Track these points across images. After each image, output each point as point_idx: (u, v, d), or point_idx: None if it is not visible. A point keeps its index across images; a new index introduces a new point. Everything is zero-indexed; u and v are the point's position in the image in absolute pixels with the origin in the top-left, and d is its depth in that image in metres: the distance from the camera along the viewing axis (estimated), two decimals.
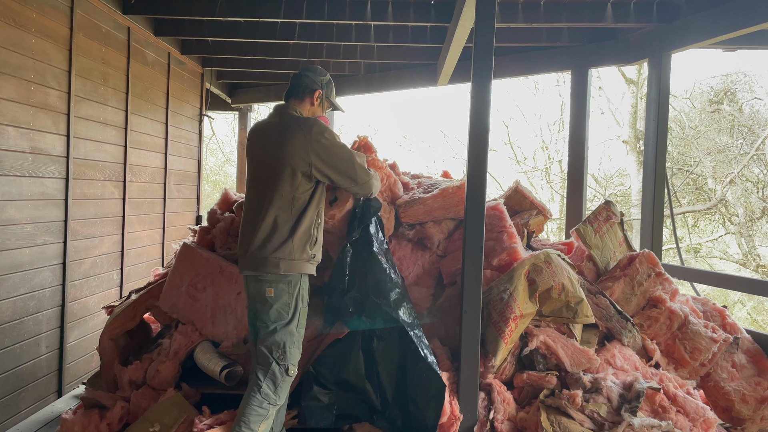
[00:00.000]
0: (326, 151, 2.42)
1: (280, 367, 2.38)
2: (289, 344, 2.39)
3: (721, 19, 3.77)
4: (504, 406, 2.69)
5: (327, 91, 2.66)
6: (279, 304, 2.39)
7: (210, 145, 15.80)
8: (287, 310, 2.40)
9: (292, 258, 2.39)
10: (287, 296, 2.40)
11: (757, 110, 11.66)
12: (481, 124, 2.69)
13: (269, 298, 2.39)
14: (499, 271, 3.11)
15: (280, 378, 2.39)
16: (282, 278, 2.39)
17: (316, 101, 2.62)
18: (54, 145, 3.67)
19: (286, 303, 2.40)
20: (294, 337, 2.42)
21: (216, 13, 4.42)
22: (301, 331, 2.46)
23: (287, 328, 2.40)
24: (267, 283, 2.40)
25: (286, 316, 2.40)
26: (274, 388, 2.38)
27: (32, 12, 3.41)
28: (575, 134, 4.97)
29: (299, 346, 2.46)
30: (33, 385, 3.59)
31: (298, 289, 2.42)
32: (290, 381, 2.44)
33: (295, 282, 2.42)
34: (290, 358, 2.40)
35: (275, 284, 2.39)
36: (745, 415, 3.06)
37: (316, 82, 2.61)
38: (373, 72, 6.20)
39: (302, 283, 2.44)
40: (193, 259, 3.28)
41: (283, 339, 2.39)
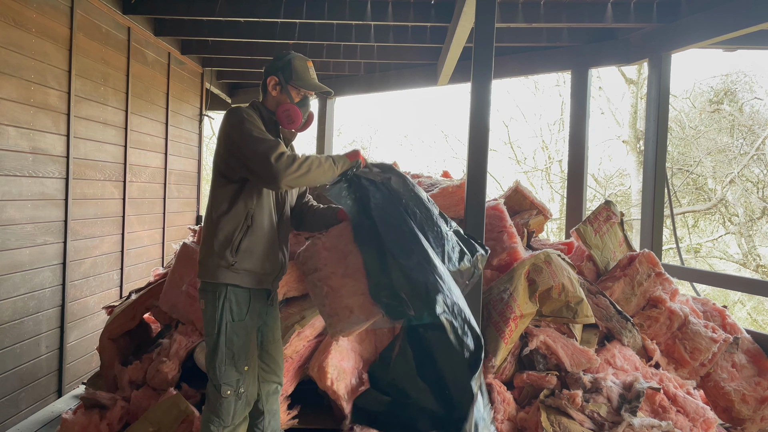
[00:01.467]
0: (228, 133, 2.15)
1: (214, 388, 2.19)
2: (218, 362, 2.16)
3: (721, 19, 3.77)
4: (504, 406, 2.69)
5: (285, 74, 2.27)
6: (206, 318, 2.22)
7: (210, 145, 15.80)
8: (212, 324, 2.19)
9: (208, 263, 2.18)
10: (211, 309, 2.20)
11: (757, 110, 11.67)
12: (481, 124, 2.69)
13: (202, 311, 2.24)
14: (499, 271, 3.11)
15: (214, 400, 2.18)
16: (206, 288, 2.21)
17: (273, 90, 2.30)
18: (54, 145, 3.67)
19: (211, 317, 2.19)
20: (223, 354, 2.16)
21: (216, 13, 4.42)
22: (233, 348, 2.17)
23: (215, 344, 2.18)
24: (200, 293, 2.26)
25: (212, 332, 2.19)
26: (214, 411, 2.19)
27: (32, 12, 3.41)
28: (575, 134, 4.97)
29: (236, 365, 2.18)
30: (33, 385, 3.59)
31: (223, 301, 2.17)
32: (229, 402, 2.17)
33: (219, 293, 2.17)
34: (221, 377, 2.16)
35: (204, 296, 2.23)
36: (745, 415, 3.06)
37: (270, 69, 2.30)
38: (373, 72, 6.20)
39: (229, 294, 2.18)
40: (193, 259, 3.28)
41: (212, 356, 2.18)
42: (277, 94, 2.30)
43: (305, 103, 2.34)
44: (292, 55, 2.33)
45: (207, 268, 2.18)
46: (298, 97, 2.32)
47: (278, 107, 2.28)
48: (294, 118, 2.27)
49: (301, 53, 2.44)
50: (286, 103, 2.27)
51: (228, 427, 2.20)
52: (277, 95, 2.30)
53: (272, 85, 2.29)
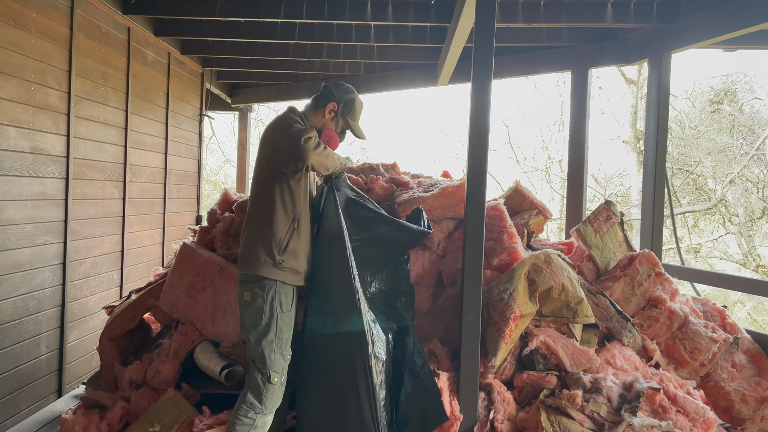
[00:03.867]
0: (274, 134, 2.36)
1: (262, 376, 2.31)
2: (268, 351, 2.30)
3: (721, 19, 3.77)
4: (504, 406, 2.69)
5: (344, 108, 2.58)
6: (253, 309, 2.33)
7: (210, 145, 15.80)
8: (261, 315, 2.31)
9: (257, 259, 2.32)
10: (261, 301, 2.32)
11: (757, 110, 11.67)
12: (481, 124, 2.69)
13: (244, 303, 2.36)
14: (499, 271, 3.11)
15: (262, 387, 2.31)
16: (254, 283, 2.33)
17: (328, 114, 2.56)
18: (54, 145, 3.67)
19: (260, 308, 2.32)
20: (273, 344, 2.31)
21: (216, 13, 4.42)
22: (283, 336, 2.35)
23: (265, 333, 2.31)
24: (244, 285, 2.36)
25: (260, 323, 2.31)
26: (259, 397, 2.31)
27: (32, 12, 3.41)
28: (575, 134, 4.97)
29: (283, 353, 2.35)
30: (33, 385, 3.59)
31: (273, 294, 2.32)
32: (275, 389, 2.34)
33: (269, 287, 2.32)
34: (271, 365, 2.31)
35: (250, 288, 2.34)
36: (745, 415, 3.06)
37: (334, 95, 2.57)
38: (373, 72, 6.20)
39: (278, 288, 2.34)
40: (193, 259, 3.28)
41: (261, 346, 2.31)
42: (328, 119, 2.57)
43: (343, 136, 2.67)
44: (356, 94, 2.67)
45: (253, 263, 2.33)
46: (341, 129, 2.62)
47: (324, 130, 2.56)
48: (332, 146, 2.56)
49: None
50: (331, 130, 2.57)
51: (268, 414, 2.35)
52: (327, 120, 2.57)
53: (329, 110, 2.57)
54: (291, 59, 5.79)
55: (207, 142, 14.91)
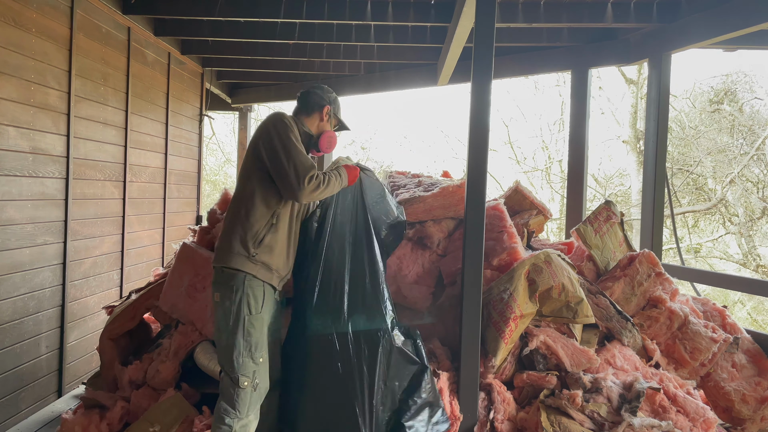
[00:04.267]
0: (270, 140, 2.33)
1: (230, 380, 2.25)
2: (236, 355, 2.24)
3: (721, 19, 3.77)
4: (504, 406, 2.69)
5: (334, 107, 2.68)
6: (221, 311, 2.29)
7: (210, 145, 15.80)
8: (229, 317, 2.26)
9: (230, 251, 2.27)
10: (228, 302, 2.26)
11: (757, 110, 11.67)
12: (481, 124, 2.69)
13: (215, 304, 2.32)
14: (499, 271, 3.11)
15: (233, 392, 2.24)
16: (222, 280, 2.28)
17: (325, 117, 2.63)
18: (54, 145, 3.67)
19: (228, 310, 2.26)
20: (241, 347, 2.24)
21: (216, 13, 4.42)
22: (251, 339, 2.26)
23: (233, 336, 2.25)
24: (215, 285, 2.32)
25: (229, 324, 2.25)
26: (231, 403, 2.24)
27: (32, 12, 3.41)
28: (575, 134, 4.96)
29: (253, 357, 2.27)
30: (33, 385, 3.59)
31: (241, 295, 2.25)
32: (246, 393, 2.25)
33: (237, 286, 2.25)
34: (239, 368, 2.23)
35: (220, 289, 2.29)
36: (745, 415, 3.06)
37: (325, 99, 2.63)
38: (373, 72, 6.20)
39: (246, 287, 2.26)
40: (193, 259, 3.28)
41: (229, 349, 2.25)
42: (324, 122, 2.64)
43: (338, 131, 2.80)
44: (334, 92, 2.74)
45: (227, 254, 2.29)
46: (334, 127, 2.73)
47: (324, 133, 2.63)
48: (333, 145, 2.67)
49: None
50: (330, 131, 2.65)
51: (243, 419, 2.27)
52: (324, 123, 2.64)
53: (326, 113, 2.63)
54: (291, 59, 5.79)
55: (207, 142, 14.92)
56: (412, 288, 3.05)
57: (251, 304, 2.28)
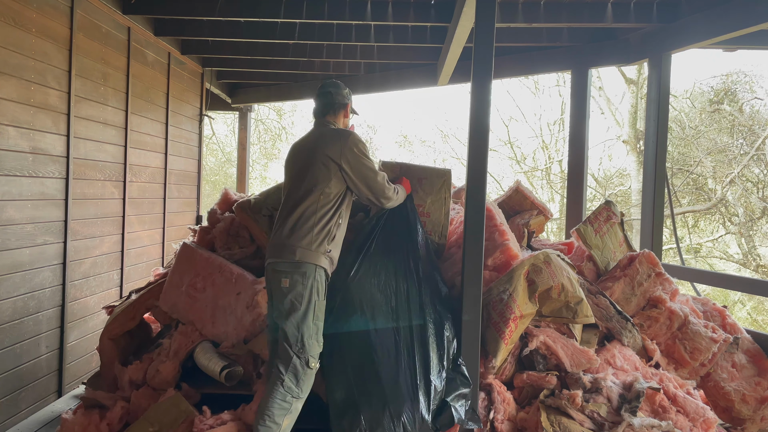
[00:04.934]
0: (356, 159, 2.60)
1: (300, 360, 2.40)
2: (306, 337, 2.42)
3: (721, 19, 3.77)
4: (504, 406, 2.69)
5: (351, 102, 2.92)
6: (293, 295, 2.43)
7: (210, 145, 15.80)
8: (300, 300, 2.43)
9: (309, 248, 2.47)
10: (300, 287, 2.43)
11: (757, 110, 11.66)
12: (481, 124, 2.69)
13: (284, 289, 2.45)
14: (495, 270, 3.11)
15: (301, 371, 2.41)
16: (296, 268, 2.45)
17: (349, 113, 2.89)
18: (54, 145, 3.67)
19: (300, 294, 2.43)
20: (311, 329, 2.44)
21: (216, 13, 4.42)
22: (319, 323, 2.49)
23: (303, 320, 2.42)
24: (282, 273, 2.46)
25: (299, 307, 2.42)
26: (296, 381, 2.40)
27: (32, 12, 3.41)
28: (575, 134, 4.97)
29: (318, 339, 2.48)
30: (33, 385, 3.59)
31: (312, 281, 2.46)
32: (312, 374, 2.45)
33: (309, 273, 2.45)
34: (309, 350, 2.42)
35: (290, 275, 2.45)
36: (745, 415, 3.06)
37: (346, 97, 2.84)
38: (373, 72, 6.20)
39: (317, 275, 2.48)
40: (193, 259, 3.28)
41: (300, 331, 2.41)
42: (348, 117, 2.89)
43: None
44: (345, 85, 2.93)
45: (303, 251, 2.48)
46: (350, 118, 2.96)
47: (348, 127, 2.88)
48: None
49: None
50: (351, 126, 2.93)
51: (302, 399, 2.45)
52: (347, 119, 2.88)
53: (349, 109, 2.88)
54: (291, 59, 5.79)
55: (207, 142, 14.92)
56: None
57: (320, 290, 2.50)
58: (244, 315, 3.03)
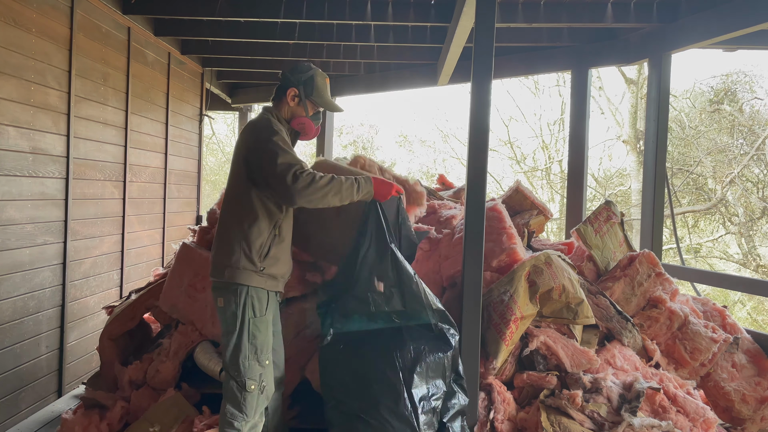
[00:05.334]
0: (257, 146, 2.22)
1: (236, 383, 2.22)
2: (242, 358, 2.21)
3: (721, 19, 3.77)
4: (504, 406, 2.69)
5: (306, 89, 2.38)
6: (227, 315, 2.25)
7: (210, 145, 15.81)
8: (234, 320, 2.22)
9: (237, 266, 2.22)
10: (234, 305, 2.23)
11: (757, 110, 11.66)
12: (481, 124, 2.69)
13: (219, 309, 2.29)
14: (498, 272, 3.11)
15: (239, 396, 2.22)
16: (227, 287, 2.25)
17: (291, 101, 2.39)
18: (54, 145, 3.67)
19: (233, 313, 2.23)
20: (247, 349, 2.22)
21: (216, 13, 4.42)
22: (257, 342, 2.24)
23: (238, 340, 2.22)
24: (216, 291, 2.29)
25: (233, 328, 2.23)
26: (237, 406, 2.22)
27: (32, 12, 3.41)
28: (575, 134, 4.96)
29: (260, 359, 2.26)
30: (33, 385, 3.59)
31: (246, 299, 2.23)
32: (253, 396, 2.23)
33: (241, 292, 2.23)
34: (246, 372, 2.21)
35: (222, 293, 2.26)
36: (745, 415, 3.06)
37: (291, 80, 2.38)
38: (373, 72, 6.20)
39: (251, 293, 2.24)
40: (193, 259, 3.28)
41: (234, 353, 2.22)
42: (294, 106, 2.40)
43: (318, 117, 2.47)
44: (314, 70, 2.42)
45: (231, 270, 2.22)
46: (312, 111, 2.44)
47: (293, 119, 2.41)
48: (307, 132, 2.45)
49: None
50: (301, 117, 2.41)
51: (250, 421, 2.25)
52: (293, 107, 2.40)
53: (291, 97, 2.38)
54: (291, 59, 5.78)
55: (207, 142, 14.93)
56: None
57: (255, 306, 2.25)
58: None
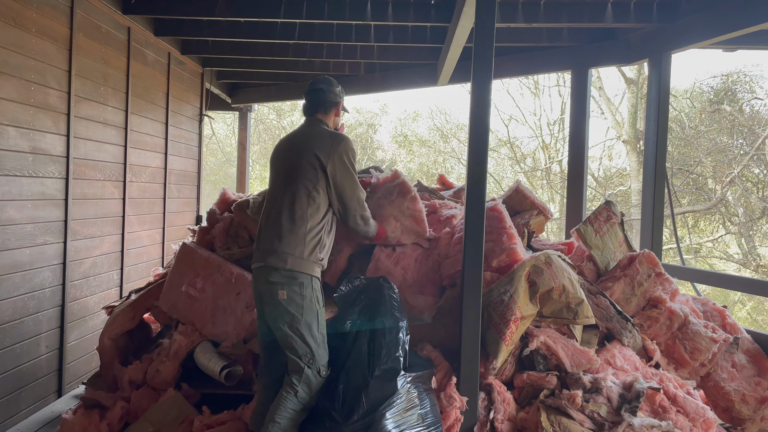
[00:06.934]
0: (343, 167, 2.54)
1: (312, 370, 2.37)
2: (314, 347, 2.38)
3: (721, 19, 3.77)
4: (504, 406, 2.69)
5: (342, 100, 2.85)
6: (293, 307, 2.37)
7: (210, 145, 15.81)
8: (302, 313, 2.37)
9: (301, 257, 2.41)
10: (299, 298, 2.38)
11: (757, 110, 11.66)
12: (481, 124, 2.69)
13: (282, 301, 2.38)
14: (498, 272, 3.11)
15: (314, 381, 2.38)
16: (291, 279, 2.38)
17: (340, 112, 2.82)
18: (54, 145, 3.67)
19: (300, 306, 2.37)
20: (318, 339, 2.40)
21: (216, 13, 4.42)
22: (323, 331, 2.45)
23: (309, 331, 2.37)
24: (278, 285, 2.39)
25: (301, 319, 2.37)
26: (310, 391, 2.38)
27: (32, 12, 3.41)
28: (575, 134, 4.96)
29: (325, 347, 2.45)
30: (33, 385, 3.59)
31: (310, 291, 2.41)
32: (323, 381, 2.42)
33: (306, 283, 2.40)
34: (319, 359, 2.40)
35: (286, 286, 2.38)
36: (745, 415, 3.06)
37: (338, 95, 2.77)
38: (373, 72, 6.20)
39: (313, 284, 2.44)
40: (193, 259, 3.28)
41: (308, 343, 2.37)
42: (335, 118, 2.80)
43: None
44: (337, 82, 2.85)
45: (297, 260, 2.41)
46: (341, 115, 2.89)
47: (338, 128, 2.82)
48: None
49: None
50: (342, 124, 2.88)
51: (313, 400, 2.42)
52: (335, 119, 2.80)
53: (340, 108, 2.82)
54: (291, 59, 5.79)
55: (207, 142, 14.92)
56: (417, 298, 3.04)
57: (319, 298, 2.46)
58: (243, 315, 3.03)
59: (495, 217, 3.22)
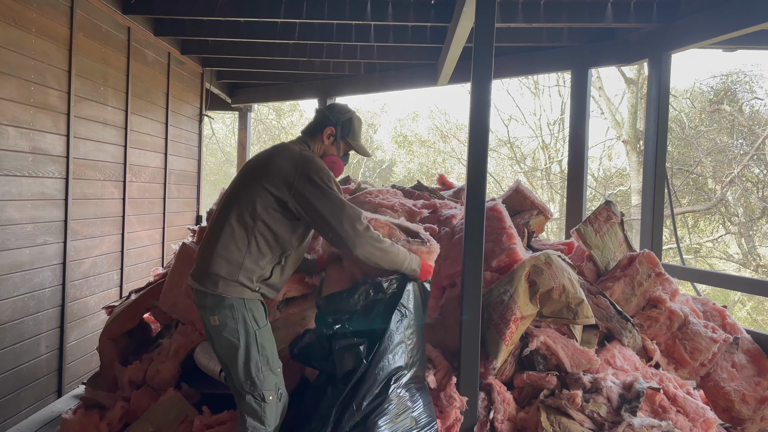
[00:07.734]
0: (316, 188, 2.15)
1: (255, 398, 2.17)
2: (255, 372, 2.15)
3: (721, 19, 3.77)
4: (504, 406, 2.69)
5: (343, 130, 2.41)
6: (226, 332, 2.15)
7: (210, 145, 15.82)
8: (237, 337, 2.14)
9: (231, 278, 2.14)
10: (232, 322, 2.14)
11: (757, 110, 11.67)
12: (481, 124, 2.69)
13: (213, 328, 2.18)
14: (498, 272, 3.11)
15: (259, 409, 2.18)
16: (220, 303, 2.14)
17: (327, 139, 2.40)
18: (54, 145, 3.67)
19: (233, 330, 2.14)
20: (259, 362, 2.16)
21: (216, 13, 4.42)
22: (267, 352, 2.20)
23: (247, 356, 2.15)
24: (208, 310, 2.16)
25: (238, 344, 2.14)
26: (259, 419, 2.19)
27: (32, 12, 3.41)
28: (575, 134, 4.96)
29: (273, 368, 2.21)
30: (33, 385, 3.59)
31: (245, 312, 2.16)
32: (272, 406, 2.20)
33: (238, 306, 2.15)
34: (261, 385, 2.17)
35: (216, 311, 2.15)
36: (745, 415, 3.06)
37: (330, 119, 2.40)
38: (373, 72, 6.20)
39: (248, 305, 2.18)
40: (193, 259, 3.28)
41: (246, 369, 2.16)
42: (327, 144, 2.41)
43: (347, 158, 2.51)
44: (353, 113, 2.46)
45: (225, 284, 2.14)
46: (344, 152, 2.47)
47: (324, 156, 2.40)
48: (336, 171, 2.42)
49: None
50: (333, 156, 2.41)
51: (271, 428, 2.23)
52: (327, 145, 2.41)
53: (327, 135, 2.40)
54: (291, 59, 5.79)
55: (207, 142, 14.93)
56: None
57: (257, 317, 2.20)
58: None
59: (495, 217, 3.22)
